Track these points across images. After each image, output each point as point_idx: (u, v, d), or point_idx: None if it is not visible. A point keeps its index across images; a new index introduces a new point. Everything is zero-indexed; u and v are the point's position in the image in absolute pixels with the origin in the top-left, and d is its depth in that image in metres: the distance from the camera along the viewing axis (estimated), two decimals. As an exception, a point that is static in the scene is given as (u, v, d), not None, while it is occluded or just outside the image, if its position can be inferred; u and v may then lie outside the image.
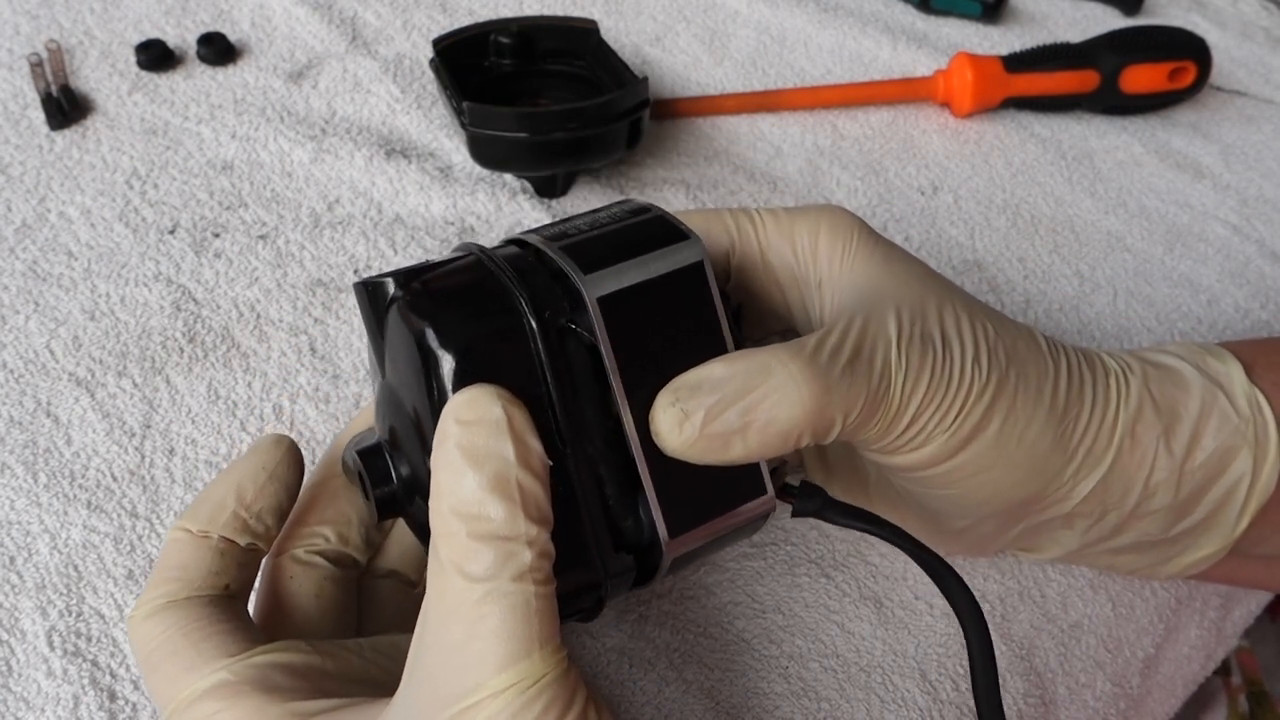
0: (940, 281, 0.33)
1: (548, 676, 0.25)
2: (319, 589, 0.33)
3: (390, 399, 0.30)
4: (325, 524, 0.33)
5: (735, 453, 0.28)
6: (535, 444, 0.26)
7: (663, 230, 0.30)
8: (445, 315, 0.27)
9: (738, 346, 0.30)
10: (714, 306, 0.30)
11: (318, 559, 0.33)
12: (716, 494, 0.30)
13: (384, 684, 0.29)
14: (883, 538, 0.32)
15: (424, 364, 0.27)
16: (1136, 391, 0.34)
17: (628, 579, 0.30)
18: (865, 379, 0.29)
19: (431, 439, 0.26)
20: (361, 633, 0.34)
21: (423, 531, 0.30)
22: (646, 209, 0.32)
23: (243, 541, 0.31)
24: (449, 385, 0.27)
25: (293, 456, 0.32)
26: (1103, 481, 0.33)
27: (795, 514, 0.32)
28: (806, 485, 0.32)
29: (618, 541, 0.29)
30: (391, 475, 0.30)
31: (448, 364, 0.27)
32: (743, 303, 0.34)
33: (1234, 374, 0.35)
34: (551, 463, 0.26)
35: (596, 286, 0.28)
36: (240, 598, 0.32)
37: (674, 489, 0.29)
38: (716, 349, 0.30)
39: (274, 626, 0.32)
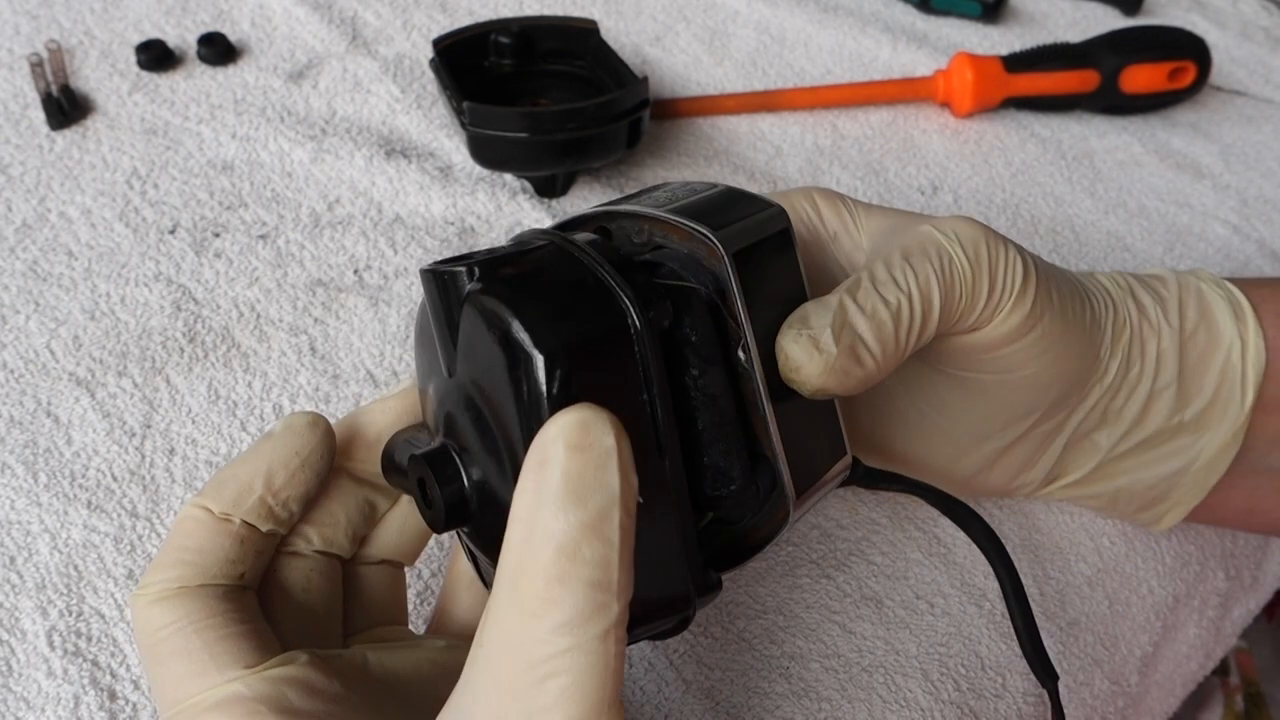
0: None
1: None
2: (306, 582, 0.31)
3: (460, 400, 0.27)
4: (311, 524, 0.31)
5: (868, 366, 0.29)
6: (636, 481, 0.23)
7: (748, 198, 0.31)
8: (541, 314, 0.25)
9: None
10: (798, 267, 0.31)
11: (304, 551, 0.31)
12: (817, 455, 0.30)
13: (394, 716, 0.28)
14: (918, 494, 0.34)
15: (515, 368, 0.25)
16: (1126, 281, 0.38)
17: (713, 595, 0.28)
18: (961, 259, 0.32)
19: (520, 449, 0.24)
20: (348, 622, 0.32)
21: (486, 546, 0.28)
22: (712, 185, 0.32)
23: (264, 528, 0.29)
24: (543, 392, 0.24)
25: (328, 443, 0.30)
26: (1125, 354, 0.36)
27: (842, 483, 0.33)
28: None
29: (708, 557, 0.28)
30: (464, 483, 0.27)
31: (545, 370, 0.24)
32: None
33: (1199, 271, 0.39)
34: (641, 500, 0.23)
35: (730, 243, 0.28)
36: (253, 588, 0.30)
37: (793, 450, 0.29)
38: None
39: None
